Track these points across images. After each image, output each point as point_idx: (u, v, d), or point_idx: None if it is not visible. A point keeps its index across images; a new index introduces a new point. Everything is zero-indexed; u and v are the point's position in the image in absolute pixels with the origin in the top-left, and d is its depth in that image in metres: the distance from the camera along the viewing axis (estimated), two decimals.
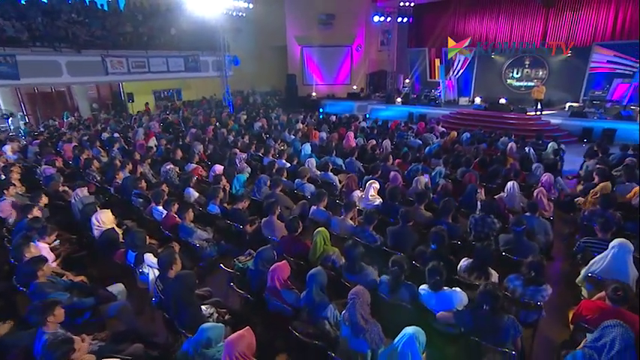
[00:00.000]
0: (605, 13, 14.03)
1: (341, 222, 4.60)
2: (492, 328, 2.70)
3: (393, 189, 4.95)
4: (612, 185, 5.53)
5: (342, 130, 9.74)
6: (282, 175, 6.26)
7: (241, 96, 21.33)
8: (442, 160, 6.54)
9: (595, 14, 14.20)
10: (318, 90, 20.89)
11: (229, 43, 18.15)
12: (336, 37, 20.24)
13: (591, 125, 11.54)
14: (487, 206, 4.45)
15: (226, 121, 12.35)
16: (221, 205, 5.48)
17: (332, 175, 6.47)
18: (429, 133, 9.63)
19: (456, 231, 4.27)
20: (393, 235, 4.26)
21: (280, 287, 3.25)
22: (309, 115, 13.65)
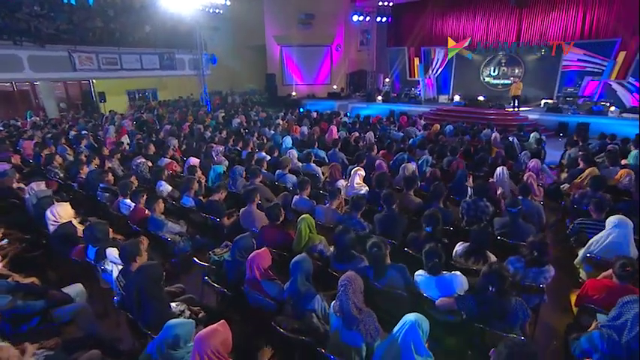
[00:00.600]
0: (574, 14, 14.48)
1: (326, 210, 4.25)
2: (499, 312, 2.41)
3: (381, 175, 4.66)
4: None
5: (324, 125, 9.43)
6: (262, 167, 5.87)
7: (220, 96, 20.76)
8: (428, 149, 6.31)
9: (565, 15, 14.64)
10: (298, 90, 20.59)
11: (206, 41, 17.62)
12: (315, 36, 20.05)
13: (566, 120, 11.75)
14: (479, 189, 4.22)
15: (203, 119, 11.82)
16: (196, 198, 5.03)
17: (315, 166, 6.13)
18: (412, 126, 9.47)
19: (448, 216, 4.01)
20: (381, 222, 3.95)
21: (261, 278, 2.87)
22: (290, 111, 13.28)
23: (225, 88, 22.23)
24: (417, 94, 16.54)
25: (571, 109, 12.56)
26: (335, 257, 3.25)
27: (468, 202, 4.25)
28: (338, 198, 4.25)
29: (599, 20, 14.09)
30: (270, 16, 20.11)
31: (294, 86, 20.58)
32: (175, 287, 3.39)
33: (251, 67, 22.72)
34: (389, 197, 3.94)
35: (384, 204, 3.99)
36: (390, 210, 3.96)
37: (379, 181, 4.63)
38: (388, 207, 3.97)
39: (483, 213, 4.13)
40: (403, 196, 4.41)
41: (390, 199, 3.93)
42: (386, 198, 3.94)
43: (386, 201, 3.95)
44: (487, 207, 4.15)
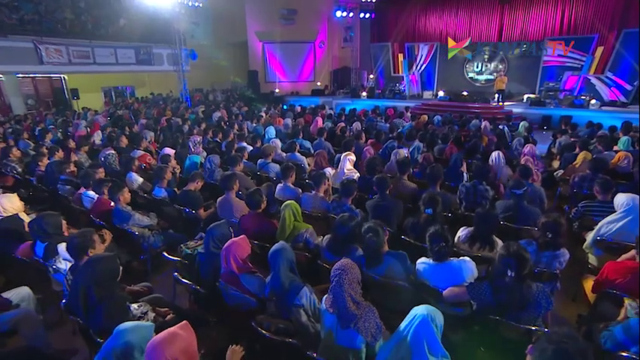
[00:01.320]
0: (553, 11, 14.59)
1: (313, 197, 3.83)
2: (519, 301, 2.05)
3: (371, 160, 4.28)
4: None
5: (308, 117, 9.00)
6: (244, 157, 5.40)
7: (201, 93, 20.04)
8: (418, 137, 5.98)
9: (545, 11, 14.74)
10: (281, 87, 20.09)
11: (185, 37, 16.91)
12: (298, 33, 19.60)
13: (550, 113, 11.73)
14: (478, 172, 3.89)
15: (182, 113, 11.19)
16: (169, 188, 4.52)
17: (299, 155, 5.70)
18: (399, 118, 9.16)
19: (447, 200, 3.66)
20: (374, 209, 3.56)
21: (239, 271, 2.42)
22: (273, 106, 12.79)
23: (206, 86, 21.53)
24: (401, 90, 16.35)
25: (553, 102, 12.59)
26: (329, 247, 2.82)
27: (466, 185, 3.91)
28: (324, 184, 3.83)
29: (577, 16, 14.23)
30: (252, 11, 19.55)
31: (277, 83, 20.07)
32: (140, 286, 2.90)
33: (233, 63, 22.10)
34: (382, 182, 3.55)
35: (377, 189, 3.61)
36: (383, 196, 3.57)
37: (370, 166, 4.24)
38: (381, 192, 3.59)
39: (483, 197, 3.80)
40: (397, 182, 4.04)
41: (384, 184, 3.55)
42: (379, 182, 3.56)
43: (379, 186, 3.57)
44: (487, 190, 3.82)
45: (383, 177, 3.57)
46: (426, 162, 4.56)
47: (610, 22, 13.49)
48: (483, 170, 3.91)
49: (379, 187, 3.56)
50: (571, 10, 14.34)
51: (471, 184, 3.92)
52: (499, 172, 4.64)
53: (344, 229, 2.70)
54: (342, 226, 2.71)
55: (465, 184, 3.94)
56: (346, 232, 2.70)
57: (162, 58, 15.74)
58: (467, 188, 3.90)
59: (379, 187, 3.55)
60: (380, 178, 3.54)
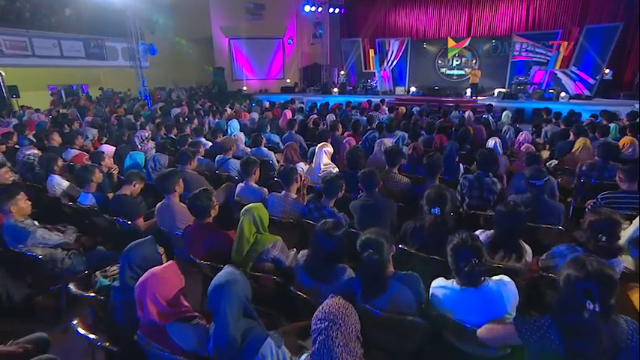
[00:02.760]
0: (518, 6, 14.60)
1: (283, 199, 2.97)
2: (608, 348, 1.29)
3: (353, 151, 3.46)
4: None
5: (277, 111, 8.10)
6: (199, 153, 4.44)
7: (163, 92, 18.55)
8: (402, 126, 5.26)
9: (511, 7, 14.73)
10: (249, 85, 19.01)
11: (143, 31, 15.45)
12: (265, 28, 18.61)
13: (522, 106, 11.54)
14: (484, 161, 3.18)
15: (138, 110, 9.92)
16: (98, 193, 3.49)
17: (266, 150, 4.81)
18: (375, 111, 8.45)
19: (453, 196, 2.91)
20: (362, 211, 2.76)
21: (163, 319, 1.51)
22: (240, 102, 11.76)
23: (169, 85, 20.04)
24: (373, 86, 15.80)
25: (524, 96, 12.47)
26: (307, 267, 1.98)
27: (469, 178, 3.20)
28: (296, 181, 2.98)
29: (541, 12, 14.31)
30: (216, 5, 18.33)
31: (245, 81, 18.97)
32: (23, 343, 1.91)
33: (197, 60, 20.72)
34: (369, 177, 2.75)
35: (364, 186, 2.80)
36: (371, 194, 2.78)
37: (352, 159, 3.43)
38: (369, 190, 2.79)
39: (490, 191, 3.09)
40: (386, 176, 3.26)
41: (372, 180, 2.75)
42: (366, 178, 2.75)
43: (366, 182, 2.77)
44: (494, 183, 3.12)
45: (371, 171, 2.76)
46: (415, 153, 3.81)
47: (572, 18, 13.63)
48: (489, 159, 3.20)
49: (366, 184, 2.76)
50: (535, 6, 14.41)
51: (475, 176, 3.20)
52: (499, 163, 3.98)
53: (328, 242, 1.87)
54: (325, 238, 1.88)
55: (468, 177, 3.23)
56: (331, 246, 1.87)
57: (117, 53, 14.22)
58: (470, 181, 3.19)
59: (366, 183, 2.75)
60: (367, 173, 2.74)
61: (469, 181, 3.17)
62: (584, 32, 12.93)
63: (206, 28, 18.93)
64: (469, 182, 3.17)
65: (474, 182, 3.17)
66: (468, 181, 3.17)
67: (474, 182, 3.18)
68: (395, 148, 3.31)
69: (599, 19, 13.05)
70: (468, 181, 3.17)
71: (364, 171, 2.81)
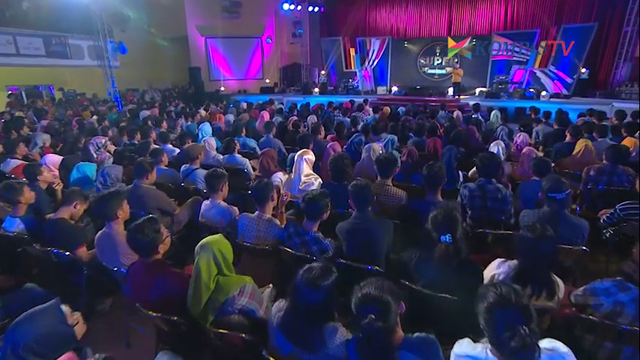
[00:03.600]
0: (497, 5, 14.55)
1: (256, 221, 2.41)
2: None
3: (338, 159, 2.93)
4: None
5: (255, 112, 7.49)
6: (161, 162, 3.82)
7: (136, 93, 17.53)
8: (390, 127, 4.79)
9: (489, 7, 14.66)
10: (227, 85, 18.23)
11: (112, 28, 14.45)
12: (243, 27, 17.88)
13: (505, 105, 11.36)
14: (486, 166, 2.73)
15: (104, 113, 9.08)
16: (30, 217, 2.83)
17: (240, 157, 4.23)
18: (358, 112, 7.97)
19: None
20: (352, 235, 2.24)
21: None
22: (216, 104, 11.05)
23: (143, 86, 19.01)
24: (354, 85, 15.39)
25: (505, 95, 12.35)
26: (285, 326, 1.44)
27: (470, 186, 2.73)
28: (272, 199, 2.44)
29: (519, 11, 14.31)
30: (191, 3, 17.45)
31: (223, 81, 18.18)
32: None
33: (173, 60, 19.75)
34: (362, 192, 2.23)
35: (355, 204, 2.28)
36: (363, 214, 2.26)
37: (337, 168, 2.91)
38: (361, 209, 2.27)
39: (495, 200, 2.65)
40: (378, 188, 2.75)
41: (364, 196, 2.24)
42: (357, 193, 2.24)
43: (357, 198, 2.25)
44: (499, 190, 2.67)
45: (364, 185, 2.24)
46: (410, 159, 3.33)
47: (549, 18, 13.68)
48: (492, 164, 2.75)
49: (358, 201, 2.24)
50: (513, 6, 14.39)
51: (477, 184, 2.75)
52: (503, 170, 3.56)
53: (313, 295, 1.34)
54: (310, 289, 1.34)
55: (469, 185, 2.77)
56: (317, 299, 1.34)
57: (82, 51, 13.18)
58: (471, 190, 2.73)
59: (358, 200, 2.23)
60: (359, 188, 2.22)
61: (470, 190, 2.71)
62: (562, 32, 12.95)
63: (181, 26, 18.03)
64: (470, 191, 2.71)
65: (476, 191, 2.72)
66: (469, 190, 2.71)
67: (475, 191, 2.72)
68: (389, 157, 2.80)
69: (574, 19, 13.13)
70: (469, 190, 2.71)
71: (356, 184, 2.29)
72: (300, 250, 2.22)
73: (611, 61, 12.93)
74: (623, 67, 12.59)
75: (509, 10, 14.50)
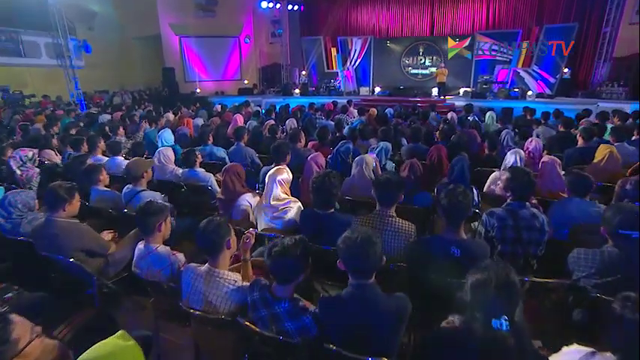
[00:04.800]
0: (479, 5, 14.23)
1: (205, 278, 1.62)
2: None
3: (324, 180, 2.15)
4: None
5: (228, 115, 6.63)
6: (99, 182, 2.95)
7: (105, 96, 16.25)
8: (381, 132, 4.06)
9: (472, 6, 14.32)
10: (203, 86, 17.17)
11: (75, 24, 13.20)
12: (220, 26, 16.88)
13: (492, 105, 10.86)
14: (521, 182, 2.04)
15: (55, 118, 7.96)
16: None
17: (203, 172, 3.40)
18: (342, 114, 7.25)
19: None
20: (342, 316, 1.42)
21: None
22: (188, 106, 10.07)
23: (114, 87, 17.76)
24: (336, 86, 14.70)
25: (491, 95, 11.95)
26: None
27: (498, 213, 2.03)
28: (228, 246, 1.64)
29: (501, 11, 14.05)
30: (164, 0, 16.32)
31: (198, 82, 17.11)
32: None
33: (146, 61, 18.55)
34: (363, 254, 1.33)
35: (350, 266, 1.44)
36: (363, 287, 1.41)
37: (321, 191, 2.13)
38: (359, 273, 1.43)
39: (531, 229, 1.96)
40: (377, 221, 2.00)
41: (369, 260, 1.36)
42: (357, 257, 1.36)
43: (356, 263, 1.38)
44: (535, 217, 1.99)
45: (364, 237, 1.37)
46: (413, 175, 2.60)
47: (531, 18, 13.46)
48: (528, 182, 2.05)
49: (356, 267, 1.41)
50: (495, 6, 14.10)
51: (507, 209, 2.05)
52: None
53: None
54: None
55: (496, 212, 2.06)
56: None
57: (39, 49, 11.91)
58: (500, 218, 2.03)
59: (356, 265, 1.41)
60: (356, 243, 1.35)
61: (500, 219, 2.01)
62: (544, 32, 12.70)
63: (154, 24, 16.85)
64: (500, 220, 2.00)
65: (508, 219, 2.02)
66: (498, 219, 2.01)
67: (507, 219, 2.02)
68: (393, 178, 2.00)
69: (554, 20, 12.96)
70: (498, 218, 2.01)
71: (350, 238, 1.39)
72: (269, 327, 1.45)
73: (590, 62, 12.80)
74: (602, 68, 12.45)
75: (491, 9, 14.22)
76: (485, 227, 2.10)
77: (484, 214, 2.12)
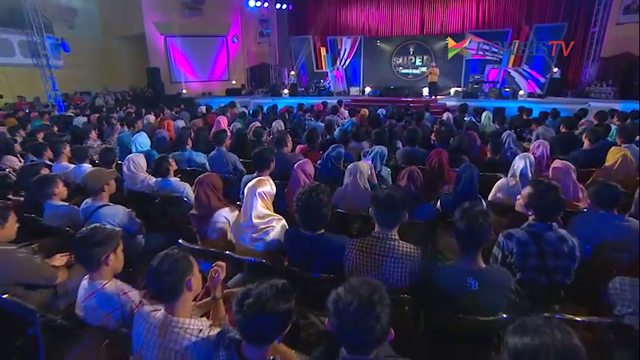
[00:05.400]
0: (469, 4, 14.07)
1: (160, 329, 1.24)
2: None
3: (309, 196, 1.78)
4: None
5: (212, 117, 6.21)
6: (54, 196, 2.54)
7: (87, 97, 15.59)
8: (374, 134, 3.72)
9: (462, 6, 14.17)
10: (190, 87, 16.63)
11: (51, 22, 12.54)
12: (207, 25, 16.38)
13: (483, 105, 10.68)
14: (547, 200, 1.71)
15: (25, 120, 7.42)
16: None
17: (177, 182, 3.01)
18: (332, 115, 6.89)
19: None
20: None
21: None
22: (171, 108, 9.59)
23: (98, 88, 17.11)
24: (326, 86, 14.36)
25: (482, 95, 11.78)
26: None
27: (519, 237, 1.70)
28: (188, 287, 1.27)
29: (490, 11, 13.92)
30: None
31: (185, 83, 16.56)
32: None
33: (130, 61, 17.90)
34: (364, 316, 0.95)
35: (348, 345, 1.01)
36: (362, 341, 0.97)
37: (308, 209, 1.76)
38: (354, 334, 0.97)
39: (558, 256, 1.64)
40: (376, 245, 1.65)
41: (366, 314, 0.95)
42: (358, 319, 0.95)
43: (350, 321, 0.95)
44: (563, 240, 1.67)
45: (366, 303, 0.96)
46: (413, 185, 2.26)
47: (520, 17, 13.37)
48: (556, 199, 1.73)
49: (349, 337, 0.98)
50: (485, 5, 13.97)
51: (529, 231, 1.72)
52: None
53: None
54: None
55: (516, 235, 1.73)
56: None
57: (12, 48, 11.26)
58: (521, 243, 1.70)
59: (350, 335, 0.98)
60: (361, 311, 0.95)
61: (521, 244, 1.68)
62: (534, 31, 12.60)
63: (138, 23, 16.25)
64: (521, 245, 1.67)
65: (530, 245, 1.69)
66: (519, 244, 1.68)
67: (529, 245, 1.69)
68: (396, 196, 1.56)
69: (543, 19, 12.90)
70: (519, 242, 1.68)
71: (346, 303, 0.97)
72: None
73: (579, 61, 12.77)
74: (591, 67, 12.43)
75: (481, 9, 14.07)
76: (501, 251, 1.77)
77: (501, 235, 1.79)
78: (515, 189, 2.69)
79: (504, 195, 2.74)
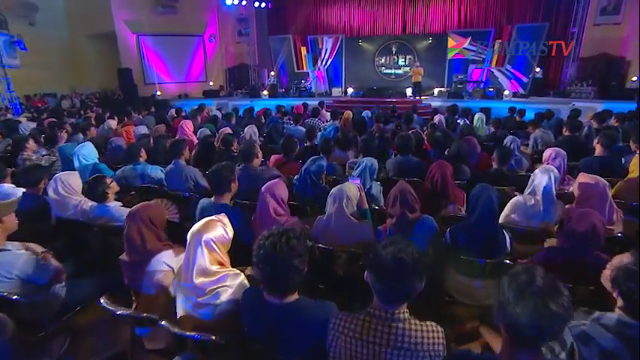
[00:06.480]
0: (450, 3, 13.81)
1: None
2: None
3: (276, 241, 1.19)
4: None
5: (176, 122, 5.49)
6: None
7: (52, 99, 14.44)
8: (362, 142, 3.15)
9: (443, 5, 13.89)
10: (165, 89, 15.68)
11: (6, 18, 11.41)
12: (182, 24, 15.49)
13: (469, 105, 10.35)
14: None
15: None
16: None
17: (117, 208, 2.35)
18: (313, 118, 6.31)
19: None
20: None
21: None
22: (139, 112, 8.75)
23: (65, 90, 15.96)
24: (307, 87, 13.77)
25: (467, 95, 11.47)
26: None
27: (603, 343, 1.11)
28: None
29: (472, 10, 13.70)
30: None
31: (159, 85, 15.60)
32: None
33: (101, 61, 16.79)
34: None
35: None
36: None
37: (271, 267, 1.18)
38: None
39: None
40: (381, 330, 1.07)
41: None
42: None
43: None
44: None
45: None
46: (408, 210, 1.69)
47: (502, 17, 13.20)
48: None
49: None
50: (466, 4, 13.74)
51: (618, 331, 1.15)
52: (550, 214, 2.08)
53: None
54: None
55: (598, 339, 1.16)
56: None
57: None
58: (607, 352, 1.13)
59: None
60: None
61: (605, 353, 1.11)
62: (516, 31, 12.43)
63: (108, 21, 15.18)
64: (605, 355, 1.11)
65: (620, 354, 1.14)
66: (602, 353, 1.11)
67: (618, 355, 1.14)
68: (408, 260, 0.94)
69: (523, 19, 12.78)
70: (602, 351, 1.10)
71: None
72: None
73: (559, 61, 12.72)
74: (571, 67, 12.39)
75: (463, 9, 13.83)
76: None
77: (570, 335, 1.19)
78: (536, 209, 2.18)
79: (521, 217, 2.23)
